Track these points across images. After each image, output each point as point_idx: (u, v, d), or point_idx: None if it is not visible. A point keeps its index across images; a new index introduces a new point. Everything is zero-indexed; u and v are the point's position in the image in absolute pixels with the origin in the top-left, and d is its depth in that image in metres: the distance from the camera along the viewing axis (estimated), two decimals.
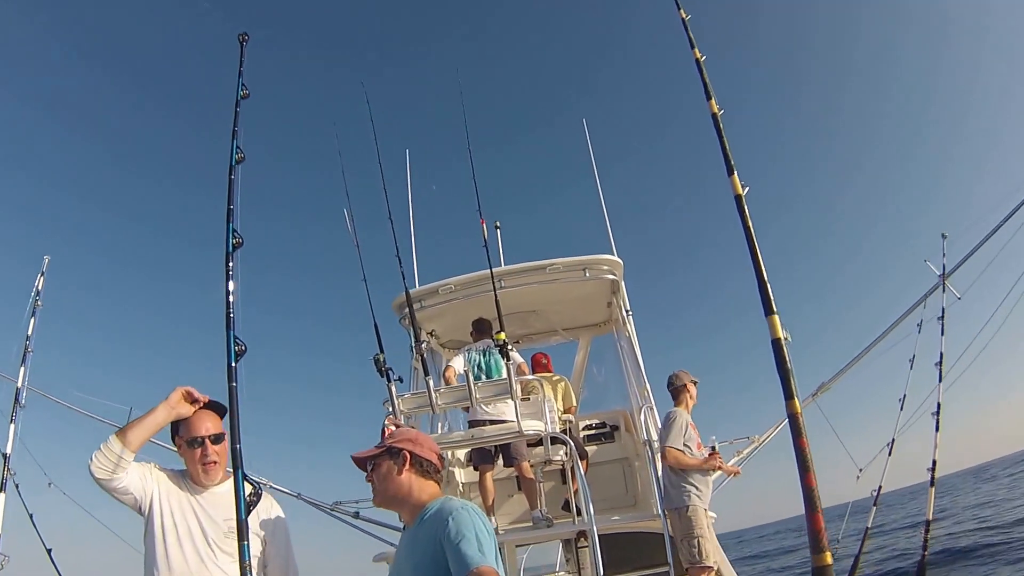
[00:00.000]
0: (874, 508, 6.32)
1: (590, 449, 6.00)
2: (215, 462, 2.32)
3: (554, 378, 5.98)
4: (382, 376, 4.15)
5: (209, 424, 2.34)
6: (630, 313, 6.13)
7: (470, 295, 5.68)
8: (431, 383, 4.29)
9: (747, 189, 3.17)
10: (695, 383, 5.09)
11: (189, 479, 2.37)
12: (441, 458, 2.15)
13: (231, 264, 2.02)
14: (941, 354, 5.84)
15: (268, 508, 2.45)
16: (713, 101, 3.60)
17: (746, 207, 3.12)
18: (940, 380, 5.79)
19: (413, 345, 4.95)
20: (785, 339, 2.73)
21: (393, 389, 4.21)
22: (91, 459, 2.13)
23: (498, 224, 6.92)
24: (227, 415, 2.31)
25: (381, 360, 4.16)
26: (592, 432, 6.29)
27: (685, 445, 4.65)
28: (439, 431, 5.35)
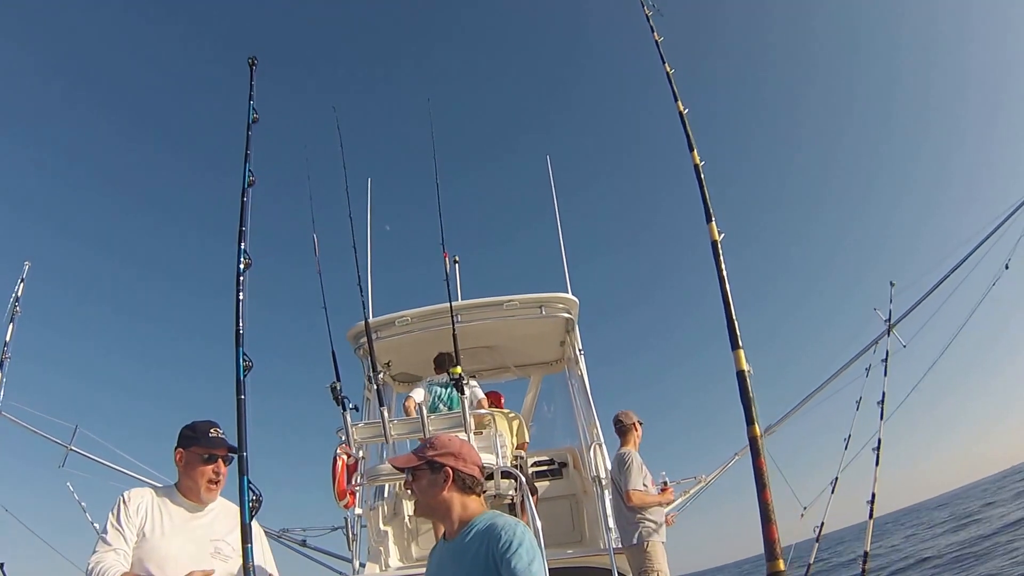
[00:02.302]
0: (816, 544, 6.52)
1: (539, 485, 6.04)
2: (221, 482, 2.39)
3: (509, 414, 6.04)
4: (338, 404, 4.15)
5: (224, 448, 2.40)
6: (582, 352, 6.26)
7: (426, 328, 5.71)
8: (386, 413, 4.30)
9: (723, 235, 3.43)
10: (640, 423, 5.27)
11: (181, 495, 2.38)
12: (482, 470, 2.12)
13: (241, 284, 2.06)
14: (883, 393, 6.17)
15: (257, 536, 2.45)
16: (695, 153, 3.84)
17: (721, 252, 3.41)
18: (882, 418, 6.12)
19: (370, 375, 4.95)
20: (748, 372, 3.03)
21: (348, 417, 4.20)
22: None
23: (457, 259, 7.01)
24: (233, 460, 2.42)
25: (337, 388, 4.17)
26: (541, 469, 6.34)
27: (644, 484, 4.84)
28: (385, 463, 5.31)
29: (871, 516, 5.98)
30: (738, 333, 3.12)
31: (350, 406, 4.18)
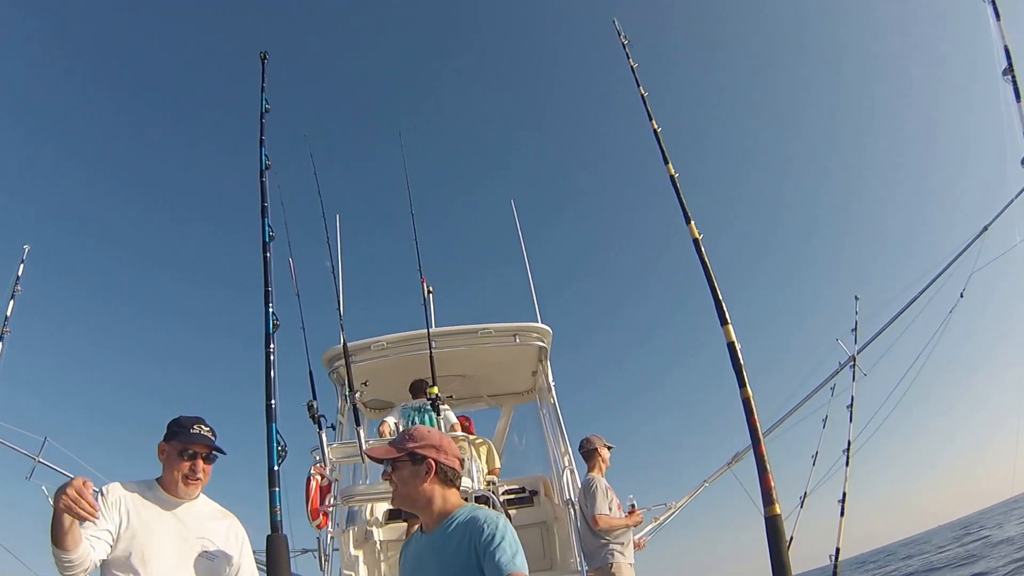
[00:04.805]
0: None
1: (510, 512, 6.07)
2: (199, 479, 2.35)
3: (477, 440, 6.09)
4: (314, 423, 4.18)
5: (203, 444, 2.36)
6: (554, 384, 6.37)
7: (401, 353, 5.78)
8: (362, 433, 4.34)
9: (703, 235, 3.78)
10: (608, 448, 5.28)
11: (162, 489, 2.35)
12: (462, 463, 2.10)
13: (268, 255, 2.25)
14: (852, 397, 6.34)
15: (237, 534, 2.49)
16: (670, 165, 4.18)
17: (702, 247, 3.87)
18: (851, 420, 6.28)
19: (347, 395, 4.99)
20: (738, 345, 3.25)
21: (324, 436, 4.23)
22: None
23: (431, 289, 7.13)
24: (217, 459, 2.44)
25: (314, 407, 4.20)
26: (512, 497, 6.38)
27: (609, 509, 4.86)
28: (365, 483, 5.32)
29: (842, 514, 6.09)
30: (725, 310, 3.39)
31: (327, 425, 4.22)
